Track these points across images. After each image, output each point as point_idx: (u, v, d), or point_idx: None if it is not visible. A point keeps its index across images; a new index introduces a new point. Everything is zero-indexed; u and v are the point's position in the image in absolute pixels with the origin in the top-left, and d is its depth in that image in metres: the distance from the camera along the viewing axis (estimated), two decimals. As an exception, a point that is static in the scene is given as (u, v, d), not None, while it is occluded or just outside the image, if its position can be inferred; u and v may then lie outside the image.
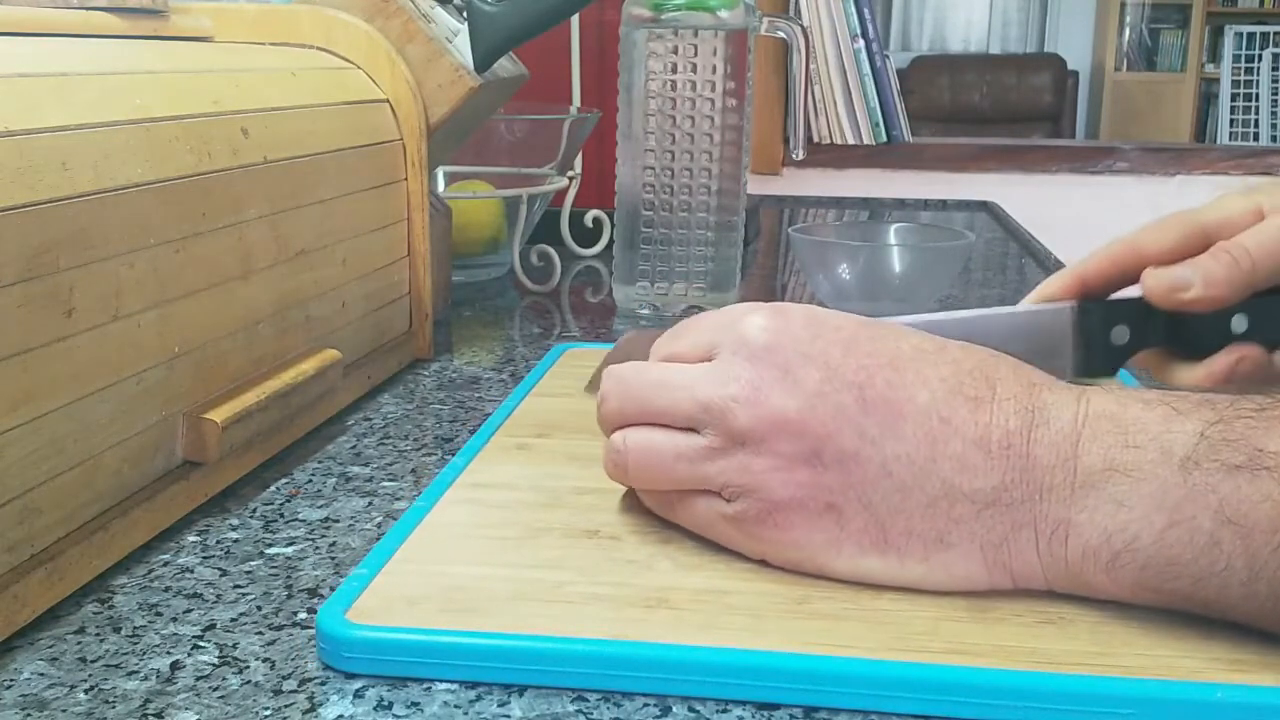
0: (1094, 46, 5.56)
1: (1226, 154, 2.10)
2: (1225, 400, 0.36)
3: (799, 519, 0.38)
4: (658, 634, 0.35)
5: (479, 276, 0.97)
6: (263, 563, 0.43)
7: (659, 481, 0.41)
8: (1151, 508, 0.34)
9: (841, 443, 0.37)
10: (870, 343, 0.39)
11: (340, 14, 0.65)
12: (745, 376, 0.39)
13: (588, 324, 0.83)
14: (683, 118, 0.80)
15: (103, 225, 0.40)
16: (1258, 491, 0.33)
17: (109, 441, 0.41)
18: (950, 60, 5.34)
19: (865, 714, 0.33)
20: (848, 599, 0.37)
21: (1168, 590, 0.35)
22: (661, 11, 0.79)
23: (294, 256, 0.54)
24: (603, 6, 1.07)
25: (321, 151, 0.57)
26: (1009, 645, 0.35)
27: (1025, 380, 0.39)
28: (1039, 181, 2.05)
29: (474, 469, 0.49)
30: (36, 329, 0.37)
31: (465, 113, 0.71)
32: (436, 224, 0.74)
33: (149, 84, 0.46)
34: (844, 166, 2.01)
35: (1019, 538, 0.37)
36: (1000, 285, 1.05)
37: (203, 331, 0.47)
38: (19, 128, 0.37)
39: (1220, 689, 0.32)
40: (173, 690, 0.34)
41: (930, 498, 0.37)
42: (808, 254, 0.84)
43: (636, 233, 0.83)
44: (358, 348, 0.63)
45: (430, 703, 0.34)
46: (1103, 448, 0.36)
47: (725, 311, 0.43)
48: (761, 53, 1.71)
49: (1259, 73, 5.15)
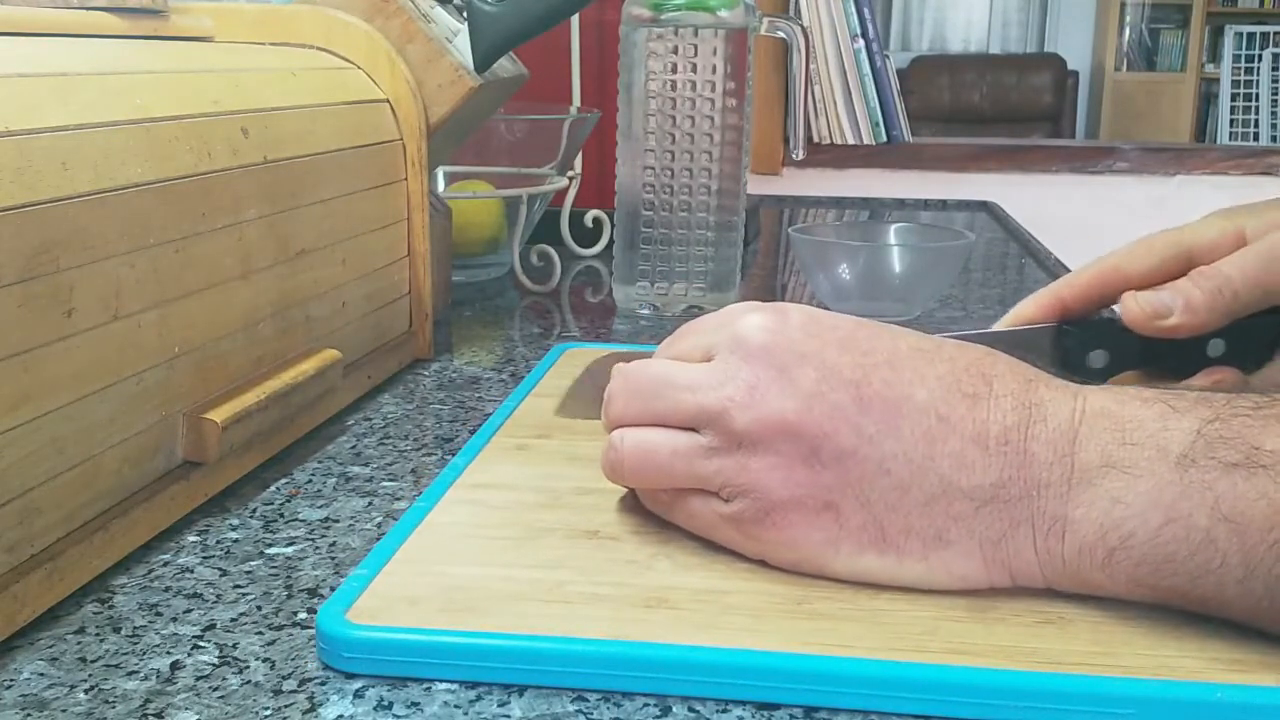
0: (1094, 46, 5.56)
1: (1226, 154, 2.10)
2: (1222, 399, 0.36)
3: (797, 518, 0.38)
4: (658, 634, 0.35)
5: (479, 276, 0.97)
6: (263, 563, 0.43)
7: (655, 480, 0.41)
8: (1148, 504, 0.35)
9: (839, 441, 0.38)
10: (867, 341, 0.40)
11: (340, 14, 0.65)
12: (742, 377, 0.39)
13: (588, 324, 0.83)
14: (683, 118, 0.80)
15: (103, 225, 0.40)
16: (1253, 489, 0.33)
17: (109, 441, 0.41)
18: (950, 60, 5.34)
19: (865, 714, 0.33)
20: (847, 599, 0.37)
21: (1164, 587, 0.35)
22: (661, 11, 0.79)
23: (294, 256, 0.54)
24: (603, 6, 1.07)
25: (321, 151, 0.57)
26: (1009, 645, 0.35)
27: (1022, 377, 0.39)
28: (1039, 181, 2.05)
29: (474, 469, 0.49)
30: (36, 329, 0.37)
31: (465, 113, 0.71)
32: (436, 224, 0.74)
33: (149, 84, 0.46)
34: (844, 166, 2.01)
35: (1017, 534, 0.37)
36: (1000, 285, 1.05)
37: (203, 331, 0.47)
38: (19, 128, 0.37)
39: (1220, 689, 0.32)
40: (173, 690, 0.34)
41: (928, 495, 0.37)
42: (808, 254, 0.84)
43: (636, 233, 0.83)
44: (358, 348, 0.63)
45: (430, 703, 0.34)
46: (1100, 444, 0.36)
47: (724, 312, 0.43)
48: (761, 53, 1.71)
49: (1259, 73, 5.15)
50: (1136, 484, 0.35)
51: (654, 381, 0.41)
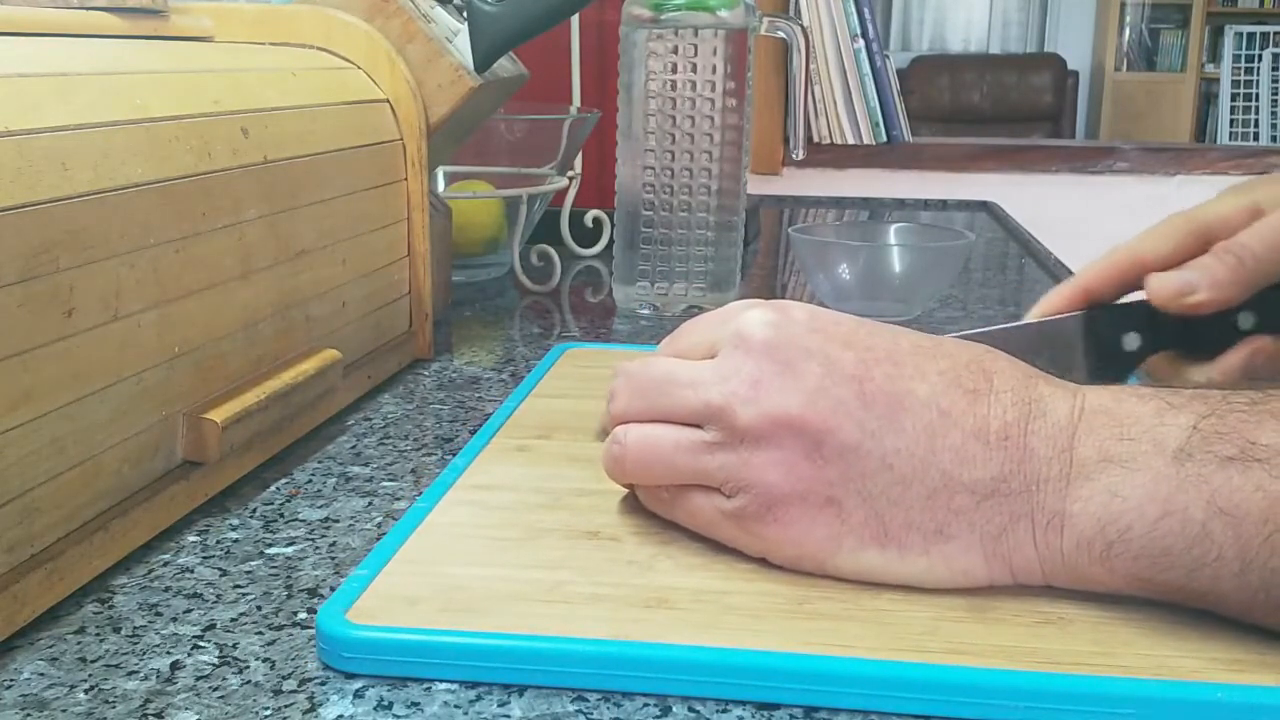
0: (1094, 46, 5.56)
1: (1226, 154, 2.10)
2: (1218, 394, 0.37)
3: (799, 513, 0.38)
4: (658, 634, 0.35)
5: (479, 276, 0.97)
6: (263, 563, 0.43)
7: (657, 475, 0.41)
8: (1145, 498, 0.35)
9: (842, 436, 0.38)
10: (868, 338, 0.40)
11: (340, 14, 0.65)
12: (746, 372, 0.39)
13: (588, 324, 0.83)
14: (683, 118, 0.80)
15: (103, 225, 0.40)
16: (1249, 482, 0.34)
17: (109, 441, 0.41)
18: (950, 60, 5.34)
19: (865, 714, 0.33)
20: (848, 599, 0.37)
21: (1161, 581, 0.35)
22: (661, 11, 0.79)
23: (294, 256, 0.54)
24: (603, 6, 1.07)
25: (321, 151, 0.57)
26: (1009, 645, 0.35)
27: (1022, 373, 0.39)
28: (1039, 181, 2.05)
29: (474, 470, 0.49)
30: (36, 329, 0.37)
31: (465, 113, 0.71)
32: (436, 224, 0.74)
33: (149, 84, 0.46)
34: (844, 166, 2.01)
35: (1017, 529, 0.37)
36: (1000, 285, 1.05)
37: (203, 331, 0.47)
38: (19, 128, 0.37)
39: (1220, 689, 0.32)
40: (173, 690, 0.34)
41: (930, 490, 0.37)
42: (808, 254, 0.84)
43: (636, 233, 0.83)
44: (358, 348, 0.63)
45: (430, 703, 0.34)
46: (1098, 440, 0.36)
47: (725, 309, 0.43)
48: (761, 53, 1.71)
49: (1259, 73, 5.15)
50: (1133, 478, 0.35)
51: (657, 378, 0.41)
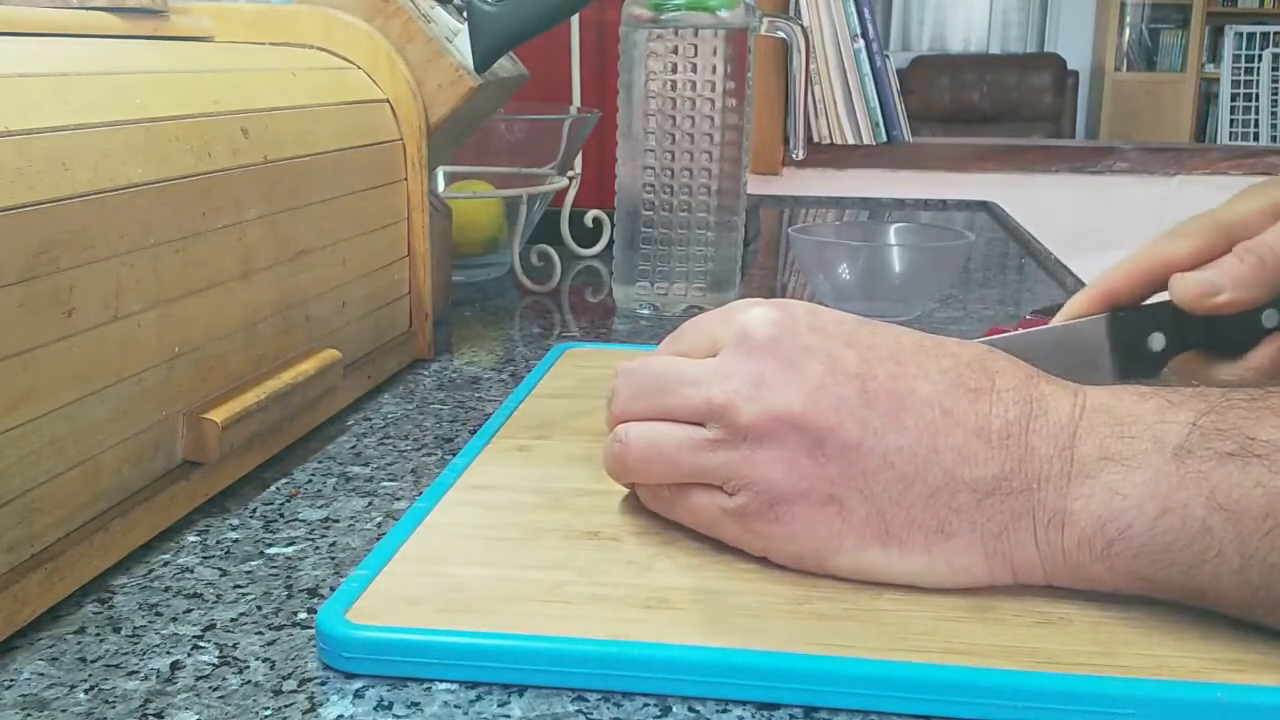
0: (1094, 46, 5.56)
1: (1226, 154, 2.10)
2: (1218, 392, 0.37)
3: (801, 511, 0.38)
4: (658, 634, 0.35)
5: (479, 276, 0.97)
6: (263, 563, 0.43)
7: (660, 473, 0.41)
8: (1145, 495, 0.35)
9: (844, 434, 0.38)
10: (871, 336, 0.40)
11: (340, 14, 0.65)
12: (748, 370, 0.39)
13: (588, 324, 0.83)
14: (683, 118, 0.80)
15: (103, 225, 0.40)
16: (1249, 478, 0.34)
17: (109, 441, 0.41)
18: (950, 60, 5.34)
19: (865, 714, 0.33)
20: (848, 599, 0.37)
21: (1162, 579, 0.35)
22: (661, 11, 0.79)
23: (294, 256, 0.54)
24: (603, 6, 1.07)
25: (321, 151, 0.57)
26: (1009, 645, 0.35)
27: (1023, 373, 0.39)
28: (1039, 181, 2.05)
29: (474, 470, 0.49)
30: (36, 329, 0.37)
31: (465, 113, 0.71)
32: (436, 224, 0.74)
33: (149, 84, 0.46)
34: (844, 166, 2.01)
35: (1018, 527, 0.37)
36: (1000, 285, 1.05)
37: (203, 331, 0.47)
38: (19, 128, 0.37)
39: (1220, 689, 0.32)
40: (173, 690, 0.34)
41: (931, 488, 0.37)
42: (808, 254, 0.84)
43: (636, 233, 0.83)
44: (358, 348, 0.63)
45: (430, 703, 0.34)
46: (1098, 438, 0.36)
47: (727, 308, 0.43)
48: (761, 53, 1.71)
49: (1259, 73, 5.15)
50: (1134, 475, 0.35)
51: (659, 377, 0.42)
